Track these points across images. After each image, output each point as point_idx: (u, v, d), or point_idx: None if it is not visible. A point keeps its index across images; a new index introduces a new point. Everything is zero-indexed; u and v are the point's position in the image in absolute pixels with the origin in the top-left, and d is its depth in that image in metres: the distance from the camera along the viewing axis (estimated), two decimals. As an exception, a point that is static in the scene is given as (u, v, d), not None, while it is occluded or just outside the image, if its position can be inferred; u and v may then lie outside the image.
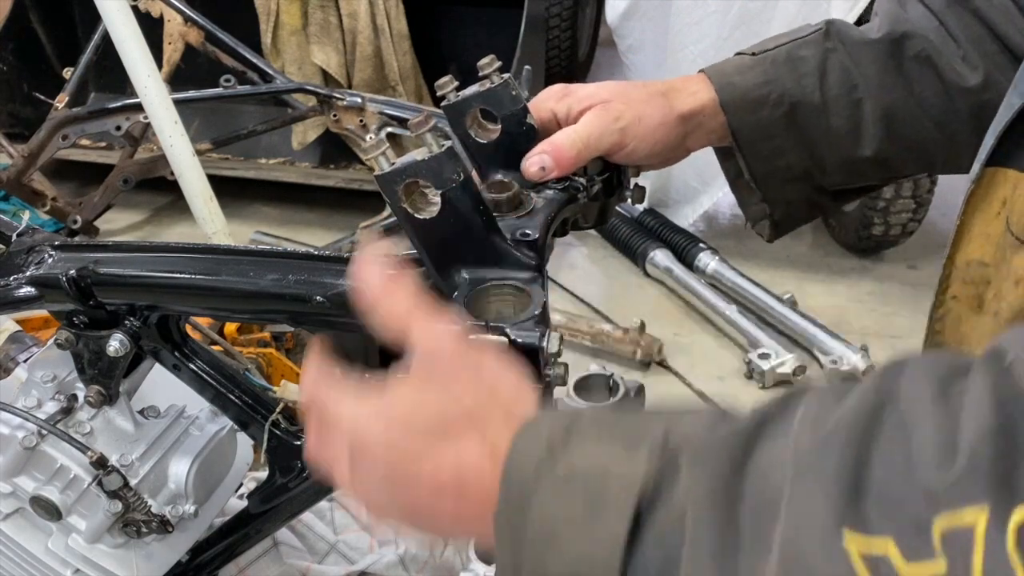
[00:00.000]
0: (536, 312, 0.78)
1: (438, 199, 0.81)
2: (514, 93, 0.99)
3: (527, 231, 0.89)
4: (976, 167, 0.83)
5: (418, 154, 0.81)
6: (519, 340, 0.75)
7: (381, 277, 0.74)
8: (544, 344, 0.75)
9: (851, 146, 1.06)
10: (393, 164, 0.81)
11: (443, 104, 0.99)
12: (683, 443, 0.59)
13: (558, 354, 0.77)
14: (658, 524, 0.57)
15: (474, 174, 0.96)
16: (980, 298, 0.86)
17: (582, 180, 0.99)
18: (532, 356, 0.76)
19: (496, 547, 0.63)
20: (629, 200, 1.09)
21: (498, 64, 0.99)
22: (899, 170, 1.15)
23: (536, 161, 0.96)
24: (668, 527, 0.56)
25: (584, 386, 1.10)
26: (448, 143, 0.81)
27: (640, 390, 1.09)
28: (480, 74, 0.99)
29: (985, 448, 0.49)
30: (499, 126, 1.00)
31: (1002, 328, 0.85)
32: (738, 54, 1.10)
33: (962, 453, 0.49)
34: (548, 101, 1.02)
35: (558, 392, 1.06)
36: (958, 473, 0.48)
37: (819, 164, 1.08)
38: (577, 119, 1.00)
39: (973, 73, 1.02)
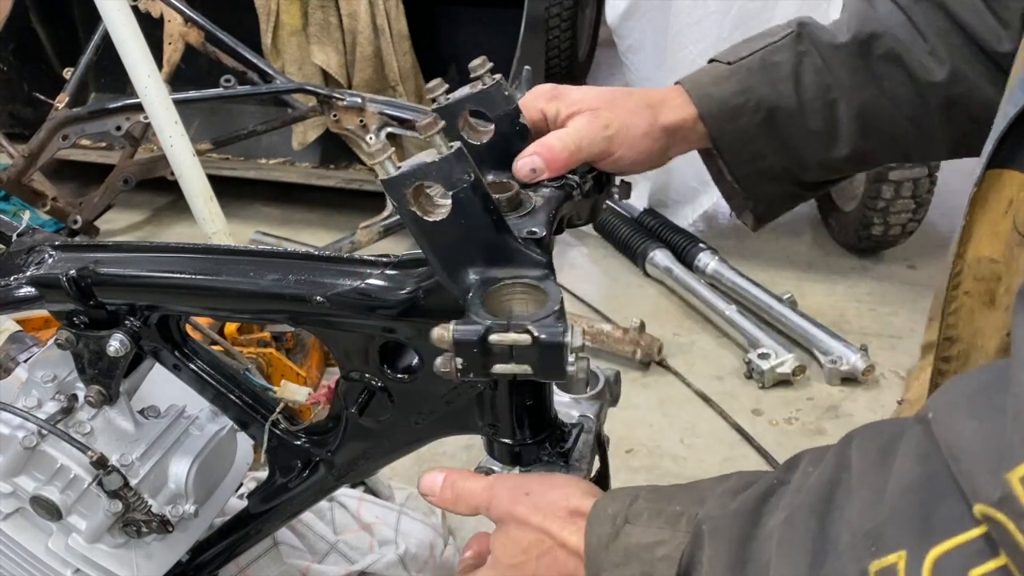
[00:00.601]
0: (555, 308, 0.78)
1: (447, 201, 0.81)
2: (506, 94, 0.99)
3: (534, 229, 0.89)
4: (978, 170, 0.85)
5: (426, 156, 0.81)
6: (543, 337, 0.76)
7: (443, 482, 0.95)
8: (568, 339, 0.76)
9: (828, 146, 1.09)
10: (400, 168, 0.80)
11: (434, 107, 0.99)
12: (706, 518, 0.74)
13: (581, 348, 0.77)
14: None
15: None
16: (992, 293, 0.88)
17: (575, 178, 1.00)
18: (557, 352, 0.76)
19: None
20: (616, 196, 1.11)
21: (490, 65, 0.99)
22: (875, 163, 1.18)
23: (527, 163, 0.97)
24: None
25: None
26: (456, 144, 0.81)
27: (617, 377, 1.11)
28: (472, 75, 0.99)
29: (906, 499, 0.60)
30: (492, 127, 1.00)
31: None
32: (711, 61, 1.12)
33: (887, 506, 0.61)
34: (538, 100, 1.04)
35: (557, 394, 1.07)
36: (883, 523, 0.60)
37: (799, 163, 1.11)
38: (566, 123, 1.02)
39: (940, 68, 1.04)
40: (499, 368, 0.78)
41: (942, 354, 0.98)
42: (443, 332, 0.78)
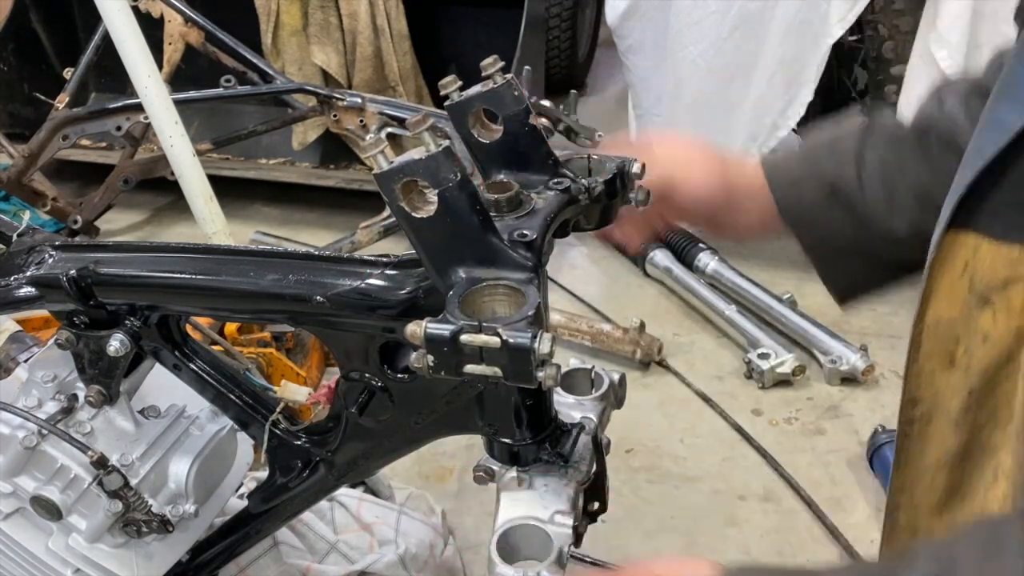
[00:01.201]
0: (529, 313, 0.78)
1: (435, 198, 0.82)
2: (516, 93, 0.99)
3: (525, 232, 0.89)
4: (936, 234, 0.88)
5: (416, 153, 0.81)
6: (511, 340, 0.76)
7: None
8: (535, 345, 0.75)
9: (888, 215, 1.11)
10: (391, 163, 0.81)
11: (446, 104, 0.99)
12: None
13: (550, 355, 0.77)
14: None
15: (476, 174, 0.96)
16: (951, 354, 0.91)
17: (584, 182, 0.99)
18: (524, 356, 0.76)
19: None
20: (633, 202, 1.09)
21: (501, 64, 0.99)
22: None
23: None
24: None
25: (568, 381, 1.09)
26: (445, 142, 0.81)
27: (622, 380, 1.09)
28: (483, 74, 0.99)
29: None
30: (501, 126, 1.00)
31: (972, 383, 0.91)
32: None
33: None
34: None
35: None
36: None
37: (863, 234, 1.14)
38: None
39: None
40: (470, 368, 0.79)
41: (905, 416, 1.01)
42: (416, 329, 0.78)
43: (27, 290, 1.10)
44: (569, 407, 1.05)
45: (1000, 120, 0.85)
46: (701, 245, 3.27)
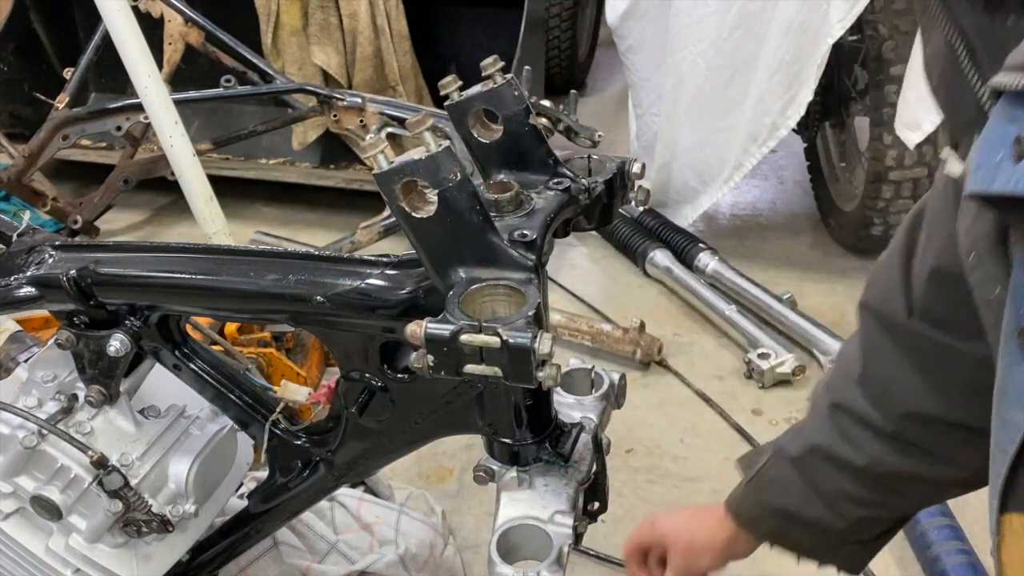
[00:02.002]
0: (529, 313, 0.78)
1: (435, 198, 0.82)
2: (517, 93, 0.99)
3: (525, 232, 0.89)
4: (992, 519, 0.81)
5: (416, 153, 0.81)
6: (511, 340, 0.76)
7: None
8: (535, 345, 0.75)
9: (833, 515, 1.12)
10: (391, 163, 0.81)
11: (446, 104, 0.99)
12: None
13: (550, 355, 0.77)
14: None
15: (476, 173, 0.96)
16: None
17: (584, 181, 0.99)
18: (524, 356, 0.76)
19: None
20: (633, 202, 1.09)
21: (501, 64, 0.99)
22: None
23: None
24: None
25: (568, 381, 1.09)
26: (446, 143, 0.82)
27: (622, 380, 1.09)
28: (483, 74, 0.99)
29: None
30: (501, 126, 1.00)
31: None
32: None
33: None
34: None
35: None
36: None
37: (836, 516, 1.12)
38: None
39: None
40: (470, 368, 0.79)
41: None
42: (416, 328, 0.78)
43: (27, 290, 1.10)
44: (569, 407, 1.05)
45: (1008, 422, 0.81)
46: (701, 245, 3.27)
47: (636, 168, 1.03)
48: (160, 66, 2.61)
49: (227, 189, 3.09)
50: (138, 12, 2.96)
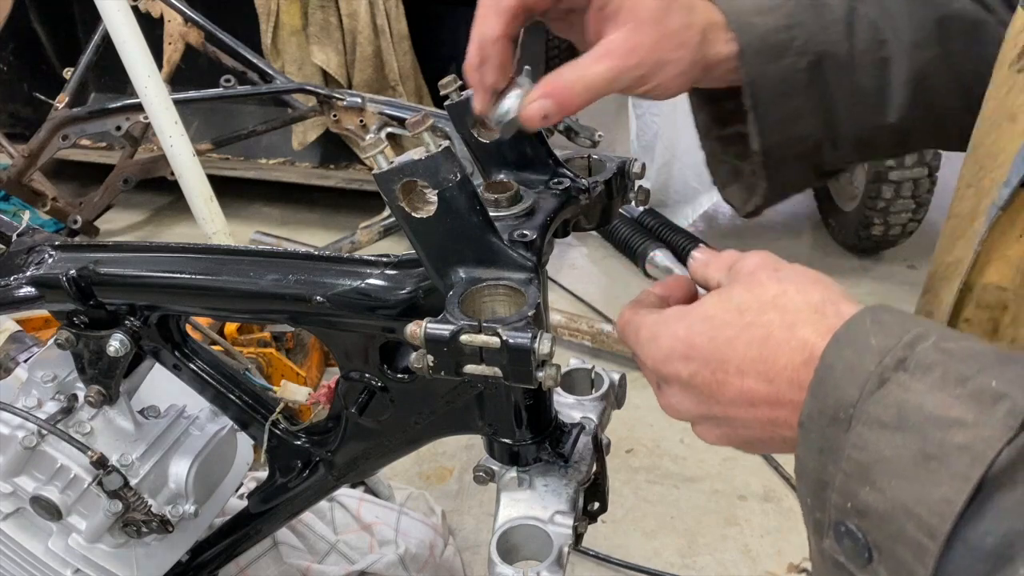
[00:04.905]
0: (529, 313, 0.78)
1: (435, 198, 0.82)
2: None
3: (525, 232, 0.89)
4: (1005, 192, 0.76)
5: (415, 153, 0.81)
6: (510, 341, 0.75)
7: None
8: (535, 345, 0.75)
9: (874, 112, 0.92)
10: (391, 163, 0.81)
11: (446, 103, 0.99)
12: None
13: (550, 355, 0.77)
14: (1008, 505, 0.53)
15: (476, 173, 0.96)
16: (995, 322, 0.82)
17: (584, 181, 0.99)
18: (524, 357, 0.76)
19: (799, 449, 0.64)
20: (633, 202, 1.09)
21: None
22: (913, 146, 1.01)
23: (538, 108, 0.83)
24: (1020, 512, 0.53)
25: (568, 381, 1.09)
26: (445, 143, 0.82)
27: (622, 380, 1.09)
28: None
29: None
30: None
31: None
32: None
33: None
34: None
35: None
36: None
37: (833, 136, 0.94)
38: (603, 27, 0.85)
39: None
40: (470, 368, 0.79)
41: None
42: (415, 329, 0.78)
43: (27, 290, 1.10)
44: (569, 407, 1.05)
45: None
46: (701, 245, 3.28)
47: (636, 168, 1.02)
48: (160, 66, 2.61)
49: (227, 189, 3.09)
50: (138, 12, 2.96)
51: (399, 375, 1.00)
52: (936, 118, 0.94)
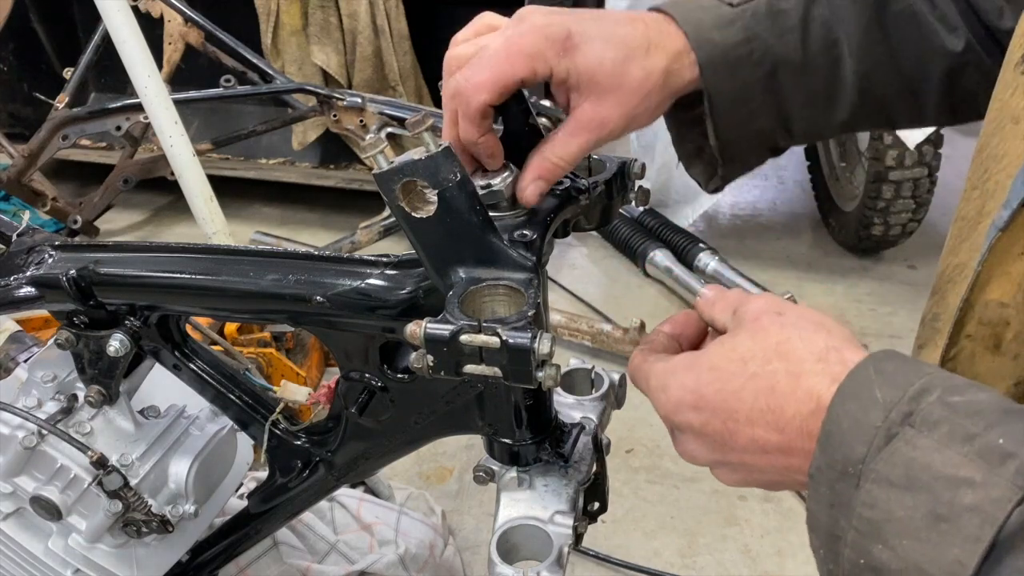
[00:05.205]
0: (529, 313, 0.78)
1: (435, 198, 0.82)
2: (517, 93, 0.99)
3: (525, 232, 0.89)
4: (1005, 214, 0.77)
5: (415, 153, 0.81)
6: (510, 341, 0.75)
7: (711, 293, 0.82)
8: (535, 345, 0.75)
9: (825, 110, 0.97)
10: (391, 163, 0.81)
11: None
12: None
13: (550, 355, 0.77)
14: (1020, 565, 0.54)
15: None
16: (998, 338, 0.83)
17: (584, 181, 0.99)
18: (524, 357, 0.76)
19: (810, 501, 0.65)
20: (633, 202, 1.08)
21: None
22: (856, 129, 1.06)
23: (534, 190, 0.90)
24: None
25: (568, 381, 1.09)
26: (445, 143, 0.82)
27: (622, 380, 1.09)
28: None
29: None
30: (501, 127, 1.00)
31: (1021, 372, 0.82)
32: None
33: None
34: (546, 48, 0.87)
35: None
36: None
37: (787, 128, 0.98)
38: (568, 100, 0.90)
39: (953, 36, 0.93)
40: (470, 368, 0.79)
41: None
42: (415, 328, 0.78)
43: (27, 290, 1.10)
44: (569, 407, 1.05)
45: None
46: (701, 245, 3.28)
47: (636, 168, 1.02)
48: (160, 66, 2.61)
49: (227, 189, 3.09)
50: (138, 12, 2.96)
51: (399, 375, 1.00)
52: (882, 107, 0.99)
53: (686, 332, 0.85)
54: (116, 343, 1.09)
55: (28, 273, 1.10)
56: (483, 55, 0.86)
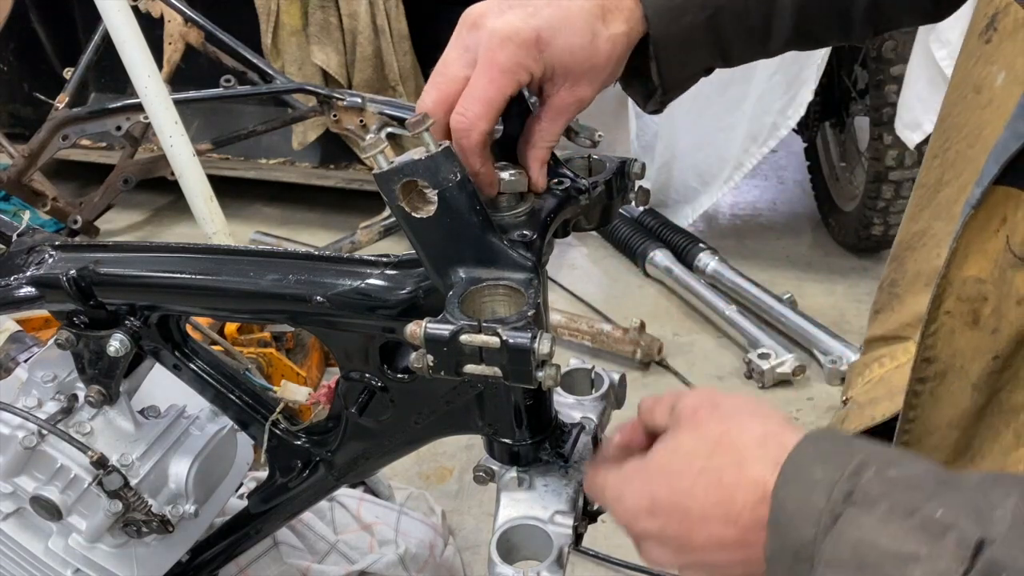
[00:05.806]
0: (529, 313, 0.78)
1: (435, 198, 0.82)
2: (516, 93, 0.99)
3: (525, 232, 0.89)
4: (977, 191, 0.80)
5: (415, 153, 0.81)
6: (510, 341, 0.76)
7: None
8: (535, 345, 0.75)
9: (760, 45, 1.01)
10: (391, 163, 0.81)
11: None
12: (1004, 556, 0.54)
13: (550, 355, 0.77)
14: None
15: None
16: (976, 314, 0.85)
17: (584, 181, 0.99)
18: (524, 357, 0.76)
19: None
20: (633, 202, 1.08)
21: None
22: (781, 52, 1.08)
23: (543, 177, 0.94)
24: None
25: (568, 381, 1.09)
26: (445, 143, 0.82)
27: (622, 380, 1.09)
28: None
29: None
30: (501, 126, 1.00)
31: (1001, 346, 0.84)
32: None
33: None
34: (519, 52, 0.87)
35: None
36: None
37: (727, 61, 1.01)
38: (547, 98, 0.92)
39: None
40: (470, 368, 0.79)
41: (918, 375, 0.96)
42: (415, 328, 0.78)
43: (27, 290, 1.10)
44: (569, 407, 1.05)
45: None
46: (701, 245, 3.28)
47: (636, 168, 1.02)
48: (160, 66, 2.61)
49: (227, 189, 3.09)
50: (138, 12, 2.96)
51: (399, 375, 1.00)
52: (813, 33, 1.01)
53: (635, 440, 0.86)
54: (116, 343, 1.09)
55: (28, 273, 1.10)
56: (468, 89, 0.87)
